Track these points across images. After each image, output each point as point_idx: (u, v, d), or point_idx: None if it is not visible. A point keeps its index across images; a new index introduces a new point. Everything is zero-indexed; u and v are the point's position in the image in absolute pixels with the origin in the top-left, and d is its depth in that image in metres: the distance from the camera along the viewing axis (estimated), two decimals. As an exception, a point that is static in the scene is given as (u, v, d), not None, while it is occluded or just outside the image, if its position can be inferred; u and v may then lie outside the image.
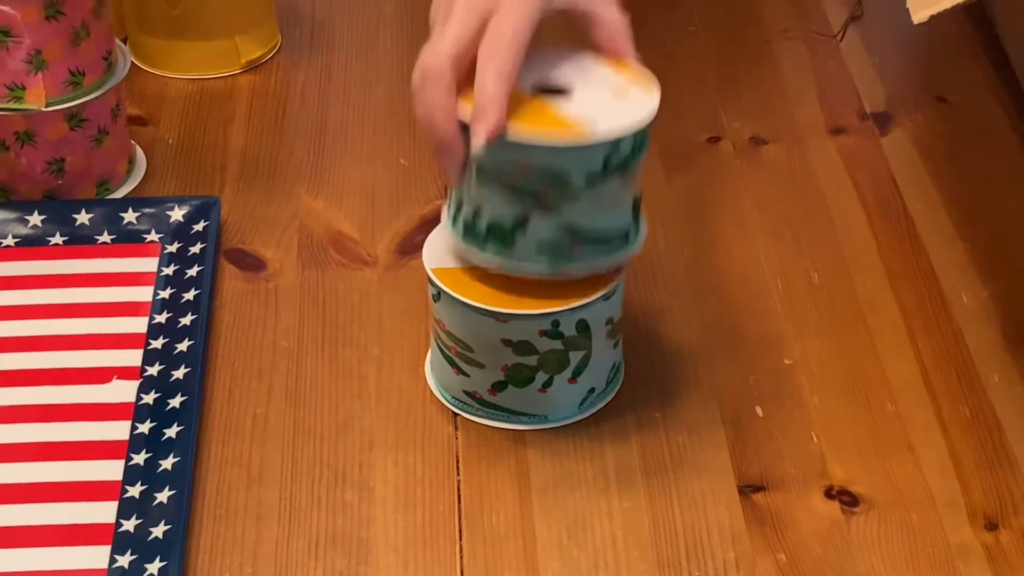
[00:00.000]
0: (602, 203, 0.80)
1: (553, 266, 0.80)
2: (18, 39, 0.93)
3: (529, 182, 0.79)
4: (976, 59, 1.14)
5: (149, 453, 0.81)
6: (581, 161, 0.78)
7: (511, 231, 0.80)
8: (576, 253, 0.81)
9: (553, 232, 0.80)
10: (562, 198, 0.79)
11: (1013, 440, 0.84)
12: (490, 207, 0.80)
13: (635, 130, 0.79)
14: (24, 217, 0.96)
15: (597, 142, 0.77)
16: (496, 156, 0.78)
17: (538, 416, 0.85)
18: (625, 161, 0.79)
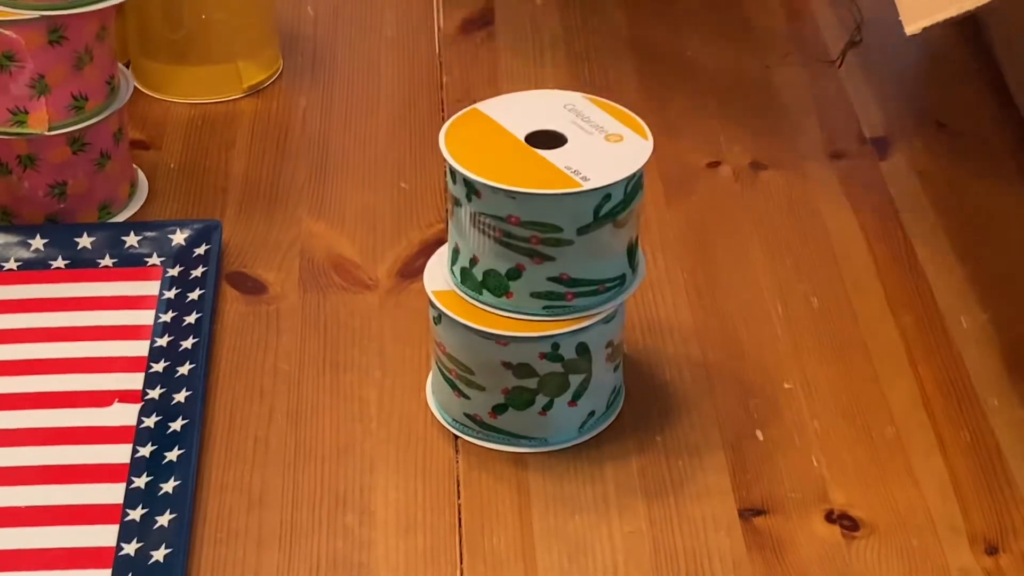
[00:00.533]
0: (595, 251, 0.80)
1: (549, 314, 0.81)
2: (21, 64, 0.93)
3: (521, 232, 0.79)
4: (975, 84, 1.15)
5: (150, 476, 0.81)
6: (571, 211, 0.78)
7: (506, 280, 0.80)
8: (571, 300, 0.81)
9: (547, 282, 0.80)
10: (554, 248, 0.79)
11: (1013, 464, 0.84)
12: (485, 256, 0.81)
13: (627, 179, 0.79)
14: (26, 241, 0.97)
15: (586, 192, 0.78)
16: (488, 207, 0.78)
17: (538, 439, 0.85)
18: (617, 209, 0.80)
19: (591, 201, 0.79)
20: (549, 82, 1.14)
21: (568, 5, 1.23)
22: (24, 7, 0.92)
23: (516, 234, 0.79)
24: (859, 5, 1.22)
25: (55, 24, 0.93)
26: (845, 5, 1.23)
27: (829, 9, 1.23)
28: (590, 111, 0.82)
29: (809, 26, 1.21)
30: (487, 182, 0.78)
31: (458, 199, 0.81)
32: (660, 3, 1.24)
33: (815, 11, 1.23)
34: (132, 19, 1.11)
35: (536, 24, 1.21)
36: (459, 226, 0.82)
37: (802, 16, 1.22)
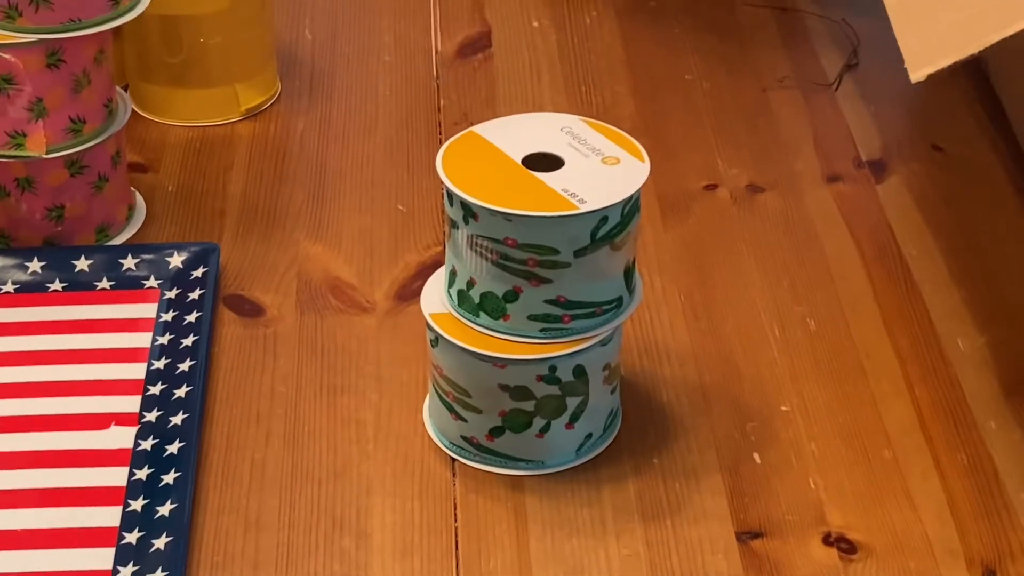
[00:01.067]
0: (592, 274, 0.80)
1: (546, 337, 0.81)
2: (19, 87, 0.93)
3: (518, 255, 0.79)
4: (971, 108, 1.15)
5: (147, 499, 0.81)
6: (568, 234, 0.79)
7: (503, 303, 0.80)
8: (568, 323, 0.81)
9: (544, 304, 0.80)
10: (551, 271, 0.79)
11: (1011, 487, 0.84)
12: (482, 279, 0.81)
13: (623, 201, 0.79)
14: (24, 263, 0.96)
15: (583, 215, 0.78)
16: (485, 229, 0.78)
17: (536, 462, 0.84)
18: (614, 231, 0.80)
19: (588, 224, 0.79)
20: (546, 105, 1.15)
21: (565, 28, 1.23)
22: (22, 30, 0.92)
23: (513, 256, 0.79)
24: (855, 28, 1.23)
25: (53, 47, 0.93)
26: (841, 28, 1.23)
27: (825, 32, 1.23)
28: (587, 134, 0.83)
29: (805, 49, 1.21)
30: (484, 204, 0.78)
31: (455, 221, 0.81)
32: (657, 26, 1.24)
33: (811, 34, 1.23)
34: (130, 43, 1.12)
35: (533, 47, 1.21)
36: (456, 248, 0.82)
37: (798, 39, 1.23)
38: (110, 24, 0.95)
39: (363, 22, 1.25)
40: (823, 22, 1.24)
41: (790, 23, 1.25)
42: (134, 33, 1.10)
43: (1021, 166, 1.08)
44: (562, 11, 1.25)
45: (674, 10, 1.26)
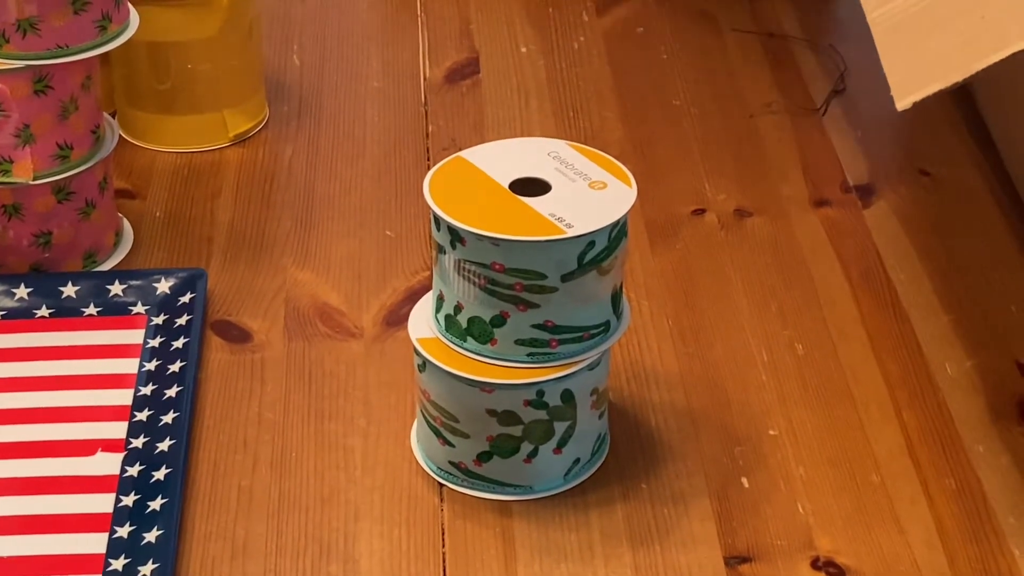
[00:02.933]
0: (579, 298, 0.80)
1: (534, 361, 0.81)
2: (6, 113, 0.93)
3: (505, 280, 0.79)
4: (958, 133, 1.15)
5: (133, 526, 0.81)
6: (555, 258, 0.79)
7: (490, 327, 0.80)
8: (556, 348, 0.81)
9: (531, 329, 0.80)
10: (538, 295, 0.79)
11: (999, 512, 0.84)
12: (469, 303, 0.81)
13: (610, 226, 0.79)
14: (10, 290, 0.96)
15: (570, 239, 0.78)
16: (472, 254, 0.78)
17: (523, 487, 0.84)
18: (601, 256, 0.80)
19: (575, 248, 0.79)
20: (535, 130, 1.15)
21: (553, 54, 1.24)
22: (9, 57, 0.92)
23: (500, 281, 0.79)
24: (842, 54, 1.23)
25: (40, 73, 0.93)
26: (828, 54, 1.23)
27: (812, 58, 1.24)
28: (574, 158, 0.83)
29: (793, 75, 1.22)
30: (471, 229, 0.78)
31: (442, 246, 0.81)
32: (645, 52, 1.24)
33: (798, 60, 1.24)
34: (118, 69, 1.12)
35: (521, 73, 1.21)
36: (443, 273, 0.81)
37: (785, 65, 1.23)
38: (98, 50, 0.95)
39: (351, 48, 1.25)
40: (810, 48, 1.25)
41: (777, 49, 1.25)
42: (122, 59, 1.10)
43: (1008, 190, 1.08)
44: (550, 37, 1.26)
45: (662, 36, 1.27)
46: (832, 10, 1.27)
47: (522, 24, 1.27)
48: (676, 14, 1.28)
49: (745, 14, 1.29)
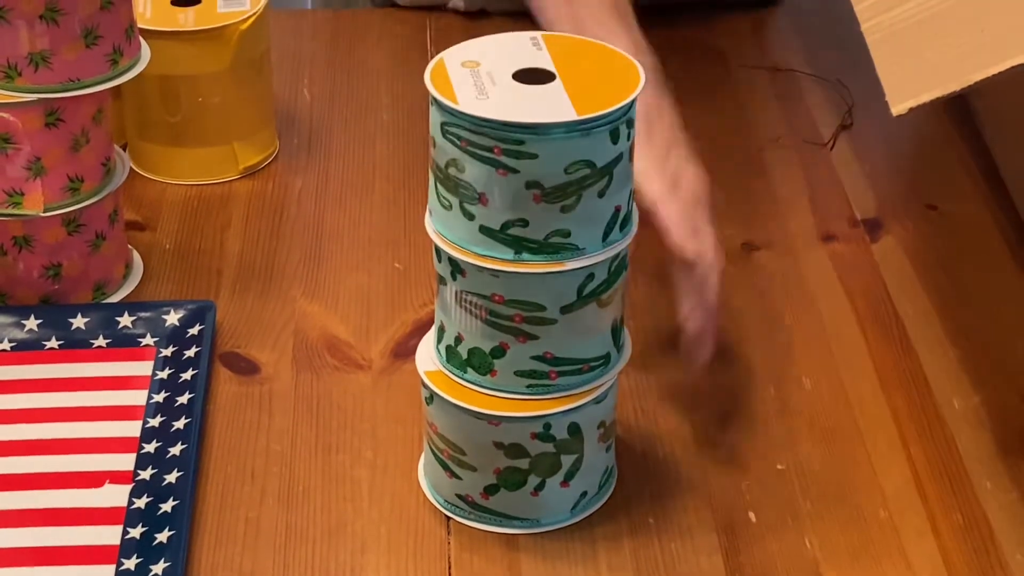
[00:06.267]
0: (579, 330, 0.80)
1: (533, 393, 0.81)
2: (18, 146, 0.94)
3: (505, 311, 0.79)
4: (965, 167, 1.15)
5: (140, 558, 0.80)
6: (555, 290, 0.78)
7: (490, 359, 0.80)
8: (555, 379, 0.81)
9: (531, 360, 0.80)
10: (538, 327, 0.79)
11: (1007, 548, 0.83)
12: (470, 335, 0.80)
13: (610, 259, 0.79)
14: (20, 322, 0.96)
15: (569, 272, 0.78)
16: (472, 285, 0.78)
17: (531, 520, 0.84)
18: (601, 288, 0.80)
19: (575, 280, 0.78)
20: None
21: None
22: (21, 90, 0.93)
23: (500, 312, 0.79)
24: (849, 88, 1.23)
25: (52, 107, 0.94)
26: (836, 89, 1.24)
27: (820, 92, 1.24)
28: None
29: (801, 109, 1.22)
30: (471, 261, 0.78)
31: (443, 277, 0.81)
32: (653, 86, 1.25)
33: (806, 94, 1.24)
34: (130, 102, 1.12)
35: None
36: (444, 304, 0.81)
37: (793, 99, 1.23)
38: (109, 84, 0.95)
39: (361, 81, 1.26)
40: (817, 82, 1.25)
41: (785, 83, 1.25)
42: (133, 92, 1.10)
43: (1016, 225, 1.08)
44: (559, 71, 1.26)
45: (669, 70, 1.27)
46: (839, 45, 1.27)
47: (531, 58, 1.27)
48: (684, 48, 1.29)
49: (753, 49, 1.30)
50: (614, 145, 0.77)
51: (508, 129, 0.75)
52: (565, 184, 0.76)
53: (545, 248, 0.78)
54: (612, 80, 0.78)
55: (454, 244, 0.79)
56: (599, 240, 0.79)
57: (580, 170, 0.76)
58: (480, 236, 0.78)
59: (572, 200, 0.77)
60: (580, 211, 0.77)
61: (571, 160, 0.76)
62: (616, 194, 0.79)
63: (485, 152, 0.76)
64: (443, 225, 0.80)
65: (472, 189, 0.77)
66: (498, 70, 0.78)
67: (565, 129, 0.75)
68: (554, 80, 0.78)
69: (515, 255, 0.78)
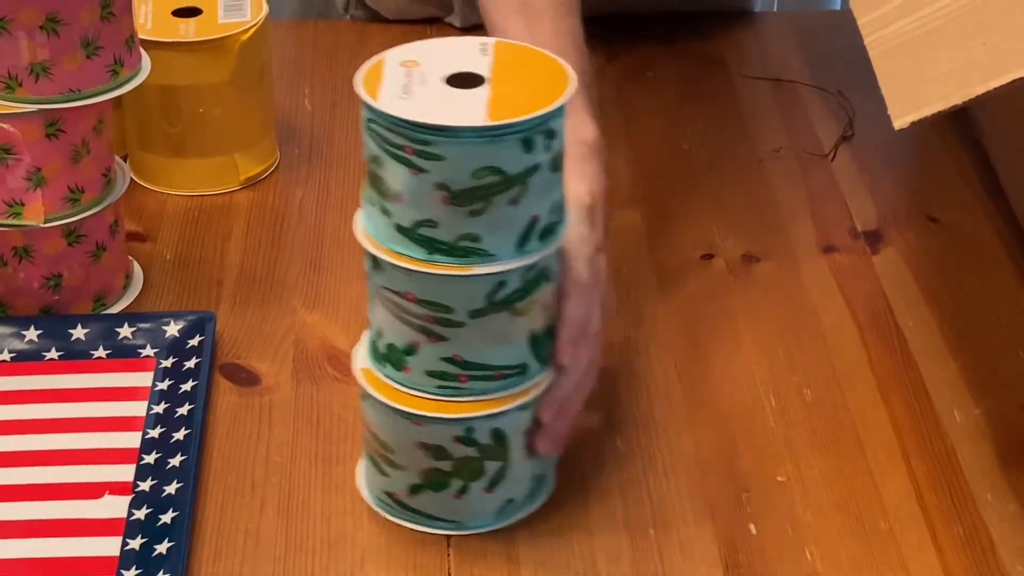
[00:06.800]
0: (490, 337, 0.80)
1: (443, 394, 0.81)
2: (18, 156, 0.94)
3: (416, 310, 0.79)
4: (966, 179, 1.15)
5: (139, 570, 0.80)
6: (463, 294, 0.78)
7: (404, 356, 0.81)
8: (465, 383, 0.80)
9: (441, 362, 0.80)
10: (447, 328, 0.79)
11: (1007, 560, 0.83)
12: (387, 330, 0.81)
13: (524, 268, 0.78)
14: (20, 332, 0.96)
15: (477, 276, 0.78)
16: (389, 281, 0.79)
17: (454, 522, 0.84)
18: (514, 297, 0.79)
19: (484, 286, 0.78)
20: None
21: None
22: (22, 101, 0.93)
23: (412, 311, 0.79)
24: (850, 100, 1.23)
25: (52, 118, 0.94)
26: (837, 100, 1.24)
27: (821, 104, 1.24)
28: None
29: (801, 120, 1.22)
30: (387, 258, 0.78)
31: (368, 272, 0.82)
32: (655, 96, 1.25)
33: (807, 106, 1.24)
34: (130, 113, 1.12)
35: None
36: (371, 297, 0.82)
37: (794, 111, 1.23)
38: (110, 95, 0.95)
39: (362, 92, 1.25)
40: (819, 94, 1.25)
41: (786, 95, 1.25)
42: (134, 103, 1.10)
43: (1017, 236, 1.08)
44: (560, 82, 1.26)
45: (671, 80, 1.27)
46: (840, 56, 1.27)
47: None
48: (685, 59, 1.29)
49: (754, 59, 1.30)
50: (527, 154, 0.76)
51: (417, 129, 0.75)
52: (473, 189, 0.76)
53: (455, 251, 0.77)
54: (541, 91, 0.78)
55: (374, 240, 0.79)
56: (512, 248, 0.78)
57: (488, 176, 0.76)
58: (396, 234, 0.78)
59: (480, 205, 0.76)
60: (490, 217, 0.77)
61: (478, 165, 0.76)
62: (533, 204, 0.78)
63: (399, 151, 0.76)
64: (368, 221, 0.80)
65: (389, 187, 0.77)
66: (433, 72, 0.79)
67: (472, 134, 0.75)
68: (483, 85, 0.78)
69: (427, 255, 0.78)
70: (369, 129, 0.78)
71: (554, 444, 0.84)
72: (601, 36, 1.30)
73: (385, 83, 0.77)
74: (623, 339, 0.98)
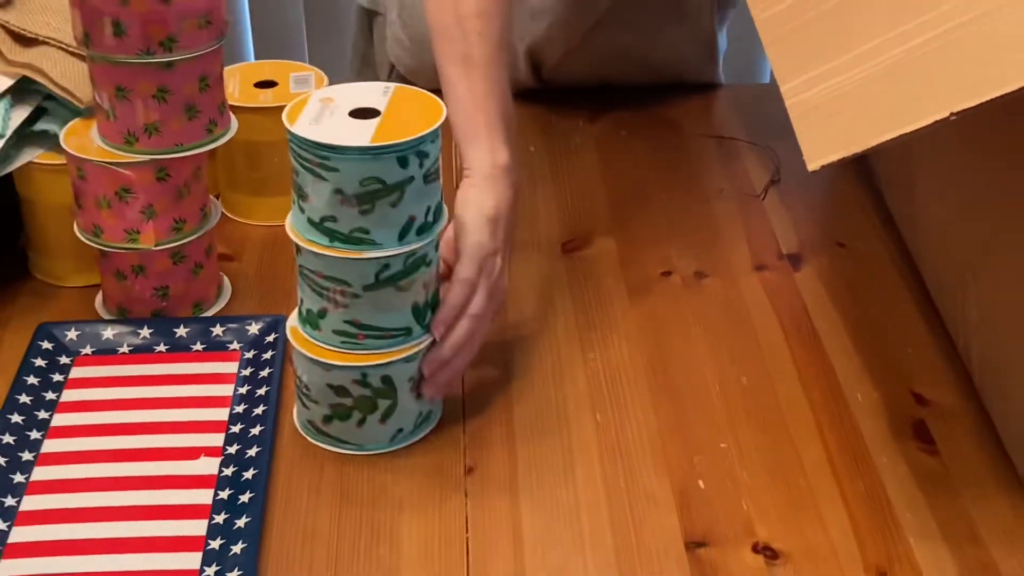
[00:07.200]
0: (380, 306, 0.82)
1: (346, 348, 0.83)
2: (135, 195, 0.94)
3: (324, 284, 0.81)
4: (867, 214, 1.15)
5: (227, 515, 0.80)
6: (356, 272, 0.80)
7: (317, 318, 0.83)
8: (362, 340, 0.82)
9: (344, 324, 0.82)
10: (347, 298, 0.81)
11: (898, 508, 0.83)
12: (307, 298, 0.83)
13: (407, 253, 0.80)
14: (136, 331, 0.96)
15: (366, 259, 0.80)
16: (305, 261, 0.82)
17: (357, 445, 0.86)
18: (397, 276, 0.81)
19: (373, 267, 0.80)
20: (539, 212, 1.15)
21: (555, 151, 1.24)
22: (139, 152, 0.93)
23: (321, 284, 0.82)
24: (777, 152, 1.23)
25: (162, 165, 0.94)
26: (767, 152, 1.23)
27: (754, 155, 1.24)
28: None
29: (739, 168, 1.22)
30: (302, 244, 0.81)
31: (295, 255, 0.84)
32: (626, 151, 1.24)
33: (743, 157, 1.23)
34: (222, 161, 1.12)
35: (530, 166, 1.21)
36: (298, 273, 0.84)
37: (733, 160, 1.23)
38: (206, 148, 0.95)
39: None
40: (752, 148, 1.25)
41: (727, 148, 1.25)
42: (225, 154, 1.10)
43: (905, 259, 1.08)
44: (553, 138, 1.26)
45: (638, 138, 1.27)
46: (770, 118, 1.27)
47: (530, 129, 1.27)
48: (651, 121, 1.29)
49: (703, 121, 1.30)
50: (403, 169, 0.79)
51: (318, 148, 0.78)
52: (362, 193, 0.78)
53: (350, 240, 0.80)
54: (420, 122, 0.80)
55: (294, 230, 0.82)
56: (394, 239, 0.80)
57: (372, 184, 0.78)
58: (308, 226, 0.81)
59: (368, 206, 0.79)
60: (376, 215, 0.79)
61: (365, 176, 0.78)
62: (410, 206, 0.80)
63: (308, 163, 0.79)
64: (293, 217, 0.83)
65: (302, 190, 0.80)
66: (342, 107, 0.81)
67: (357, 152, 0.78)
68: (376, 117, 0.80)
69: (329, 242, 0.80)
70: (291, 148, 0.80)
71: (436, 391, 0.86)
72: (586, 102, 1.30)
73: (304, 113, 0.81)
74: (601, 339, 0.98)
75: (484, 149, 0.88)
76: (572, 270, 1.06)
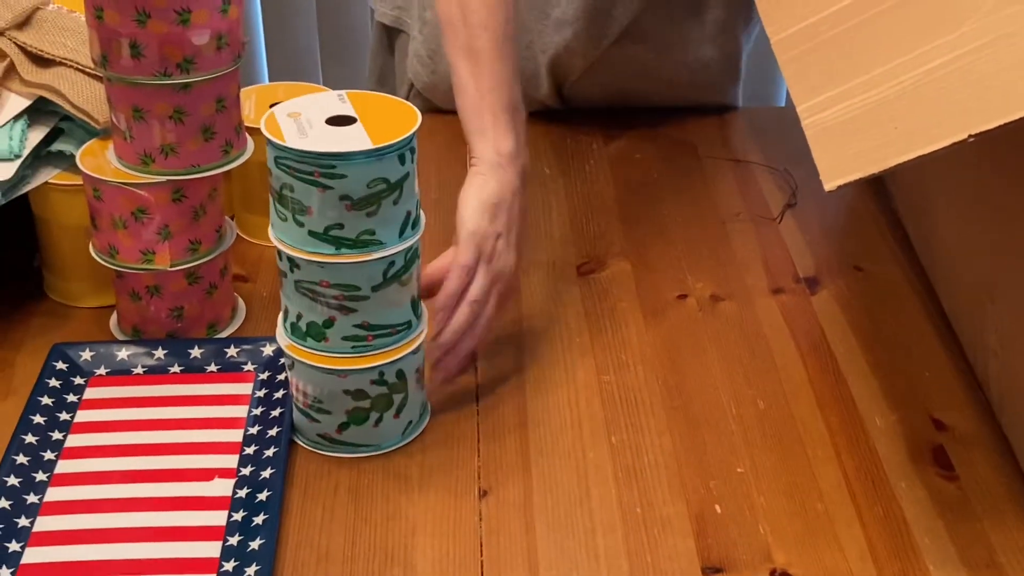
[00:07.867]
0: (386, 304, 0.84)
1: (357, 352, 0.84)
2: (151, 216, 0.94)
3: (330, 292, 0.82)
4: (884, 237, 1.15)
5: (241, 536, 0.80)
6: (366, 274, 0.82)
7: (323, 329, 0.84)
8: (372, 341, 0.84)
9: (353, 328, 0.83)
10: (356, 303, 0.82)
11: (916, 534, 0.83)
12: (306, 312, 0.84)
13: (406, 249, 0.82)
14: (151, 352, 0.97)
15: (377, 259, 0.81)
16: (305, 275, 0.82)
17: (373, 446, 0.87)
18: (400, 271, 0.83)
19: (380, 267, 0.82)
20: (555, 233, 1.15)
21: (570, 174, 1.24)
22: (155, 173, 0.93)
23: (327, 294, 0.83)
24: (793, 176, 1.23)
25: (177, 186, 0.94)
26: (783, 176, 1.24)
27: (770, 178, 1.24)
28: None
29: (755, 191, 1.22)
30: (304, 257, 0.82)
31: (284, 272, 0.84)
32: (640, 172, 1.25)
33: (759, 180, 1.24)
34: (237, 182, 1.13)
35: (545, 187, 1.22)
36: (286, 292, 0.85)
37: (749, 184, 1.23)
38: (222, 169, 0.96)
39: (415, 168, 1.26)
40: (768, 171, 1.25)
41: (743, 171, 1.25)
42: (240, 175, 1.11)
43: (923, 281, 1.08)
44: (567, 160, 1.27)
45: (653, 160, 1.27)
46: (786, 141, 1.27)
47: (546, 151, 1.28)
48: (665, 143, 1.29)
49: (718, 144, 1.30)
50: (402, 166, 0.81)
51: (324, 158, 0.80)
52: (368, 196, 0.80)
53: (357, 244, 0.81)
54: (397, 121, 0.83)
55: (290, 246, 0.83)
56: (396, 236, 0.82)
57: (378, 185, 0.81)
58: (309, 238, 0.82)
59: (374, 208, 0.81)
60: (381, 215, 0.81)
61: (371, 178, 0.80)
62: (406, 202, 0.83)
63: (308, 176, 0.80)
64: (282, 233, 0.83)
65: (301, 204, 0.81)
66: (314, 118, 0.83)
67: (365, 155, 0.80)
68: (355, 123, 0.82)
69: (335, 250, 0.81)
70: (278, 164, 0.81)
71: (445, 376, 0.90)
72: (601, 124, 1.31)
73: (284, 130, 0.82)
74: (617, 361, 0.98)
75: (488, 140, 0.92)
76: (587, 293, 1.06)
